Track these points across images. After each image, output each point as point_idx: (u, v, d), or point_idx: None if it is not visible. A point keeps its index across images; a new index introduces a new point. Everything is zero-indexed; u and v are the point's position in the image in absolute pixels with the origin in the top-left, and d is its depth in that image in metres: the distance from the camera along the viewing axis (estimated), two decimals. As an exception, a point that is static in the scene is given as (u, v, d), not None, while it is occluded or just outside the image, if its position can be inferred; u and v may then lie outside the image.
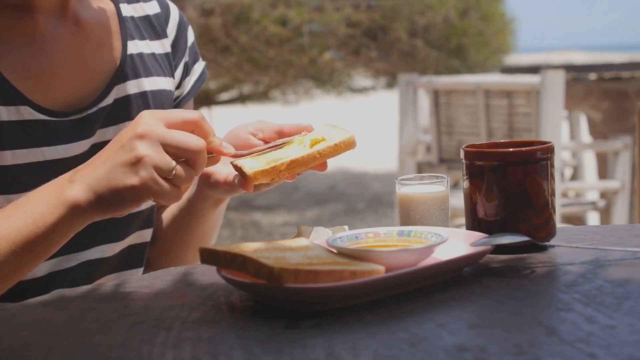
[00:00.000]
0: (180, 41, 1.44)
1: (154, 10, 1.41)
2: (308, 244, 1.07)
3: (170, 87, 1.41)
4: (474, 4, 7.70)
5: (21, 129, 1.22)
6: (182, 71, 1.44)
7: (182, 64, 1.44)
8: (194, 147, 1.09)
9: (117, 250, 1.34)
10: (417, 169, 5.27)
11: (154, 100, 1.36)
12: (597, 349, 0.77)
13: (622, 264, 1.06)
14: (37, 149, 1.23)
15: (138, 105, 1.33)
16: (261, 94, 8.47)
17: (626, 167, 4.99)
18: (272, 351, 0.82)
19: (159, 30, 1.41)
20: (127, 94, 1.32)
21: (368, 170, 9.93)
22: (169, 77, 1.40)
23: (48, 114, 1.24)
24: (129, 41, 1.35)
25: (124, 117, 1.31)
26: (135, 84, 1.34)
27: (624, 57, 21.04)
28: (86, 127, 1.27)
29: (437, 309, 0.93)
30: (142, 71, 1.35)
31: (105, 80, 1.31)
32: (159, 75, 1.38)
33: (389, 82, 8.23)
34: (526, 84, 4.87)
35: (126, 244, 1.36)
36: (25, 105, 1.22)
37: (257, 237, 6.56)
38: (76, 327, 0.94)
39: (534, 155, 1.15)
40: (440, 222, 1.23)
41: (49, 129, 1.24)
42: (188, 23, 1.47)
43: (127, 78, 1.33)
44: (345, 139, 1.19)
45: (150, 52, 1.38)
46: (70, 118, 1.26)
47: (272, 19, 6.78)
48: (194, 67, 1.47)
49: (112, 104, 1.31)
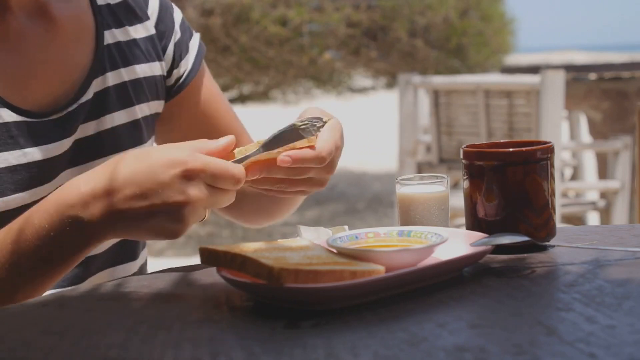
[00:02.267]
0: (166, 20, 1.40)
1: None
2: (308, 244, 1.07)
3: (158, 72, 1.37)
4: (474, 4, 7.71)
5: (0, 132, 1.19)
6: (173, 51, 1.40)
7: (171, 44, 1.40)
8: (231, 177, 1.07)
9: (109, 244, 1.32)
10: (417, 169, 5.27)
11: (135, 90, 1.33)
12: (597, 349, 0.77)
13: (622, 264, 1.06)
14: (19, 151, 1.20)
15: (118, 96, 1.31)
16: (261, 94, 8.47)
17: (626, 167, 4.99)
18: (272, 351, 0.82)
19: (139, 12, 1.37)
20: (106, 86, 1.30)
21: (368, 170, 9.93)
22: (154, 61, 1.37)
23: (27, 115, 1.21)
24: (106, 31, 1.32)
25: (104, 110, 1.29)
26: (113, 75, 1.31)
27: (624, 57, 21.03)
28: (68, 125, 1.25)
29: (437, 309, 0.93)
30: (121, 61, 1.32)
31: (82, 75, 1.28)
32: (140, 62, 1.34)
33: (389, 82, 8.23)
34: (526, 84, 4.87)
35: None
36: (4, 107, 1.19)
37: (257, 237, 6.56)
38: (76, 327, 0.94)
39: (534, 155, 1.15)
40: (440, 222, 1.23)
41: (30, 130, 1.21)
42: (170, 2, 1.43)
43: (106, 70, 1.30)
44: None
45: (130, 39, 1.34)
46: (52, 117, 1.23)
47: (272, 19, 6.78)
48: (190, 43, 1.43)
49: (92, 98, 1.28)
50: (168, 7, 1.42)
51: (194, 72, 1.42)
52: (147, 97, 1.35)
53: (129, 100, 1.32)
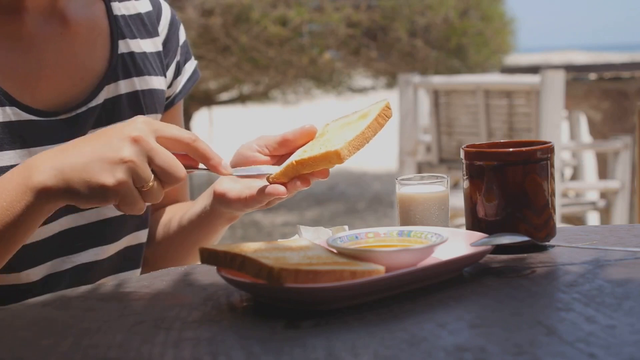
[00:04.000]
0: (172, 40, 1.43)
1: (145, 8, 1.40)
2: (308, 244, 1.07)
3: (162, 87, 1.39)
4: (474, 4, 7.70)
5: (9, 130, 1.20)
6: (174, 70, 1.43)
7: (174, 63, 1.43)
8: (177, 174, 1.07)
9: (111, 252, 1.33)
10: (417, 169, 5.28)
11: (145, 100, 1.35)
12: (597, 349, 0.77)
13: (622, 264, 1.06)
14: (26, 150, 1.21)
15: (129, 105, 1.32)
16: (261, 94, 8.47)
17: (626, 167, 5.00)
18: (272, 351, 0.82)
19: (150, 28, 1.39)
20: (118, 94, 1.31)
21: (368, 170, 9.93)
22: (160, 76, 1.39)
23: (36, 114, 1.22)
24: (120, 40, 1.34)
25: (114, 117, 1.30)
26: (126, 84, 1.33)
27: (624, 57, 21.05)
28: (75, 126, 1.26)
29: (437, 309, 0.93)
30: (134, 70, 1.34)
31: (95, 80, 1.30)
32: (150, 74, 1.37)
33: (389, 82, 8.23)
34: (526, 84, 4.87)
35: (121, 245, 1.35)
36: (13, 106, 1.21)
37: (257, 237, 6.56)
38: (76, 327, 0.94)
39: (534, 155, 1.15)
40: (440, 222, 1.23)
41: (38, 130, 1.22)
42: (180, 22, 1.46)
43: (118, 78, 1.32)
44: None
45: (142, 51, 1.37)
46: (60, 117, 1.25)
47: (272, 19, 6.78)
48: (185, 66, 1.46)
49: (103, 104, 1.29)
50: (176, 27, 1.44)
51: (181, 95, 1.45)
52: (155, 108, 1.37)
53: (139, 110, 1.34)
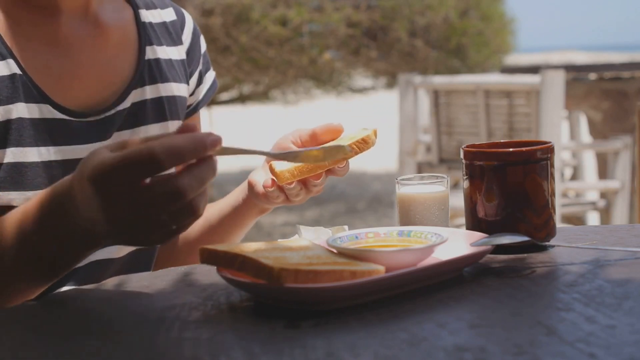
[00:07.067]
0: (195, 49, 1.46)
1: (170, 17, 1.43)
2: (308, 244, 1.07)
3: (185, 94, 1.42)
4: (474, 4, 7.70)
5: (42, 126, 1.23)
6: (196, 79, 1.46)
7: (197, 72, 1.46)
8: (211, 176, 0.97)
9: (126, 251, 1.34)
10: (417, 169, 5.27)
11: (169, 106, 1.37)
12: (597, 349, 0.77)
13: (622, 264, 1.06)
14: (57, 148, 1.24)
15: (154, 110, 1.35)
16: (261, 94, 8.47)
17: (626, 167, 4.99)
18: (272, 351, 0.82)
19: (174, 37, 1.43)
20: (144, 99, 1.34)
21: (368, 170, 9.93)
22: (184, 83, 1.42)
23: (68, 114, 1.25)
24: (147, 46, 1.37)
25: (140, 121, 1.33)
26: (152, 89, 1.35)
27: (624, 57, 21.05)
28: (103, 129, 1.28)
29: (437, 309, 0.93)
30: (159, 76, 1.37)
31: (123, 84, 1.32)
32: (175, 81, 1.39)
33: (389, 82, 8.22)
34: (526, 84, 4.87)
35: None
36: (47, 104, 1.23)
37: (257, 237, 6.56)
38: (76, 327, 0.94)
39: (534, 155, 1.15)
40: (440, 222, 1.23)
41: (68, 129, 1.25)
42: (200, 32, 1.49)
43: (145, 83, 1.34)
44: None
45: (167, 58, 1.39)
46: (88, 119, 1.27)
47: (272, 19, 6.78)
48: (206, 76, 1.49)
49: (130, 107, 1.32)
50: (198, 37, 1.48)
51: (202, 104, 1.48)
52: (178, 115, 1.40)
53: (163, 116, 1.36)
